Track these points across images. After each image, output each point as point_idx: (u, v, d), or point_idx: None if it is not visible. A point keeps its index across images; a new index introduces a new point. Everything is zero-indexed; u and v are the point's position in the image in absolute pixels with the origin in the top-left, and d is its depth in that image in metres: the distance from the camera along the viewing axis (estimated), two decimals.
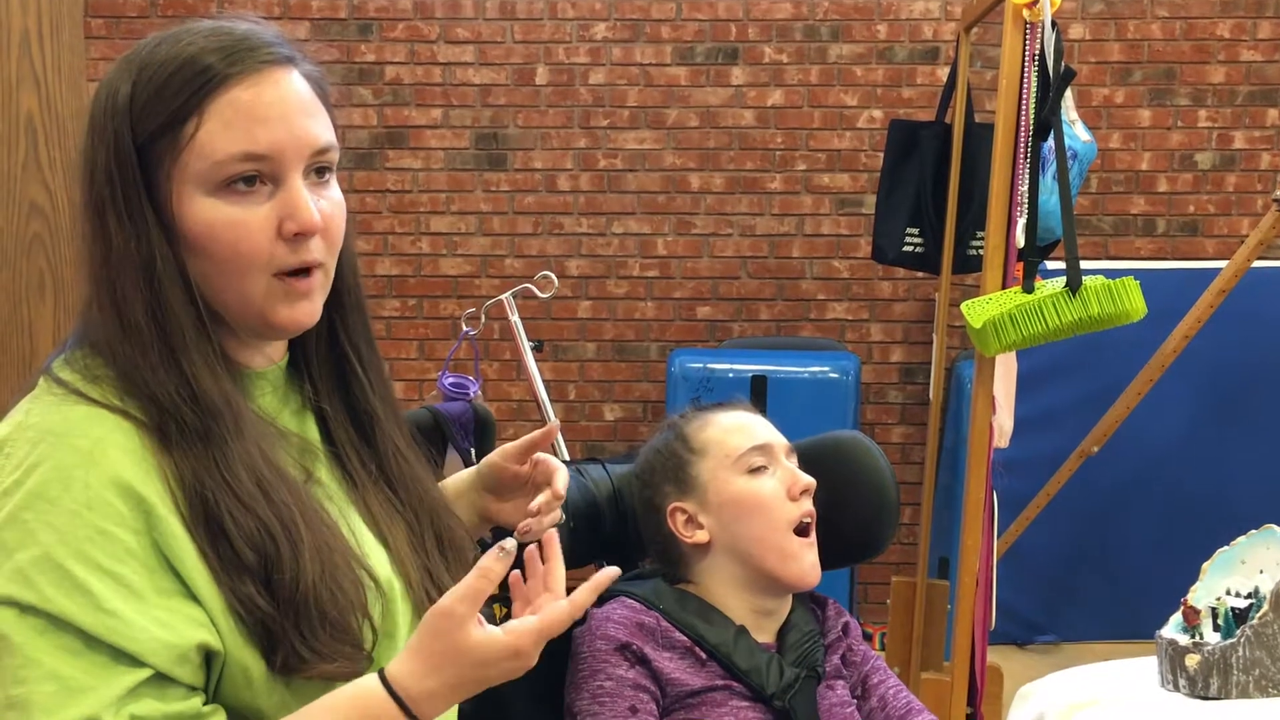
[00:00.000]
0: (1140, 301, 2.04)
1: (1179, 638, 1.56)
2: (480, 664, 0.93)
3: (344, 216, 1.02)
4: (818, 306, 3.84)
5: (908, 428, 3.86)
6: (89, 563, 0.87)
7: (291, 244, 0.96)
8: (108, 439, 0.91)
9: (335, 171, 1.03)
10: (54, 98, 3.05)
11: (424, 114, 3.81)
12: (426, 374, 3.82)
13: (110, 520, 0.88)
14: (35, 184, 2.98)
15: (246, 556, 0.92)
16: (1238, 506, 2.90)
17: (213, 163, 0.93)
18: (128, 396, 0.94)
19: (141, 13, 3.76)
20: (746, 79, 3.79)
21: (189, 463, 0.93)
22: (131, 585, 0.88)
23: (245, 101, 0.94)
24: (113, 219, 0.94)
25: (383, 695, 0.92)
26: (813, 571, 1.42)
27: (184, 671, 0.90)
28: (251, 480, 0.94)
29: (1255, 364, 3.40)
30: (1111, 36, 3.76)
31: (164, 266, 0.94)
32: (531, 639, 0.94)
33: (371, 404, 1.10)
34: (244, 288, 0.96)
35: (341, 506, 1.04)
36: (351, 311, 1.09)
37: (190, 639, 0.90)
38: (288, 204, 0.96)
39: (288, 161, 0.96)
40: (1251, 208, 3.76)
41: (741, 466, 1.43)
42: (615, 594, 1.42)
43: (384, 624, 1.01)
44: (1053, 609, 3.53)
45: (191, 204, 0.94)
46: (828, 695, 1.41)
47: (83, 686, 0.86)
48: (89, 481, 0.89)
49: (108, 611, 0.87)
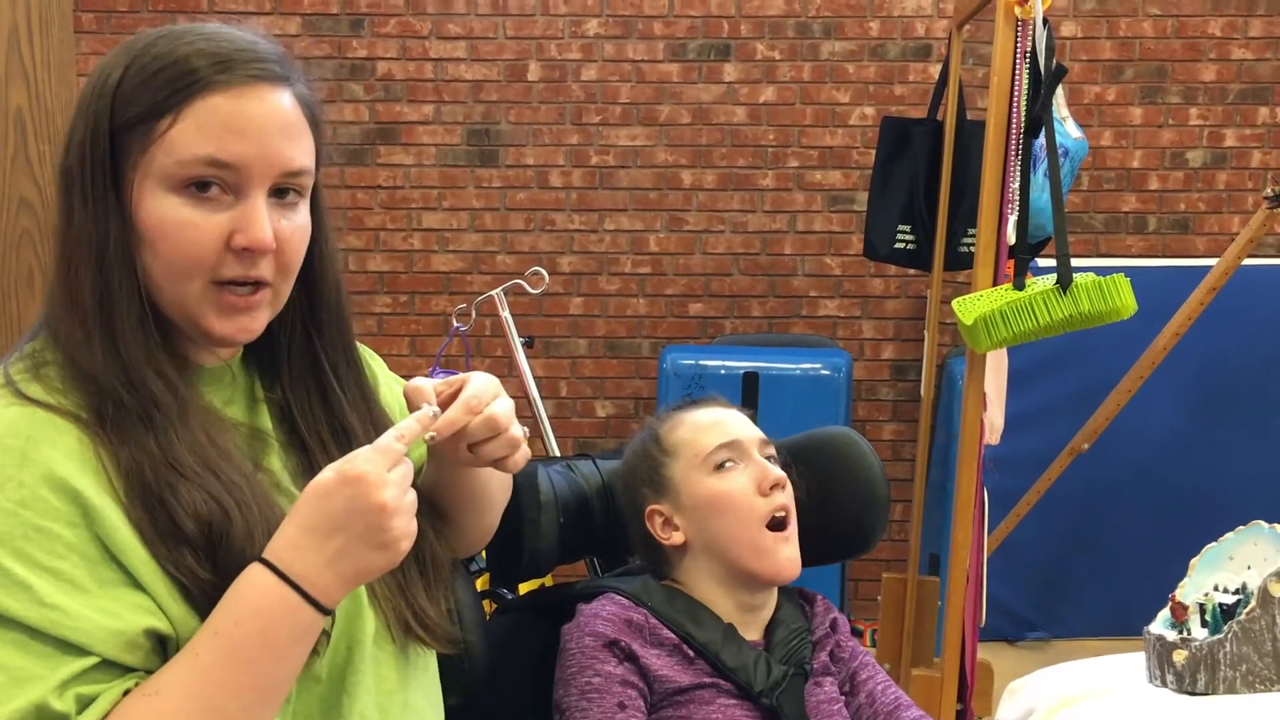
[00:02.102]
0: (1131, 299, 2.05)
1: (1167, 633, 1.57)
2: (321, 495, 0.90)
3: (304, 242, 1.02)
4: (809, 303, 3.84)
5: (899, 424, 3.87)
6: (27, 560, 0.87)
7: (239, 256, 0.96)
8: (41, 436, 0.91)
9: (307, 197, 1.02)
10: (43, 93, 3.03)
11: (415, 110, 3.81)
12: (417, 370, 3.81)
13: (47, 517, 0.89)
14: (24, 179, 2.97)
15: (187, 527, 0.92)
16: (1228, 503, 2.91)
17: (177, 160, 0.94)
18: (69, 383, 0.94)
19: (132, 7, 3.75)
20: (738, 76, 3.79)
21: (127, 447, 0.92)
22: (72, 579, 0.88)
23: (224, 110, 0.95)
24: (77, 196, 0.96)
25: (256, 568, 0.90)
26: (788, 565, 1.41)
27: (134, 657, 0.90)
28: (198, 462, 0.94)
29: (1245, 361, 3.40)
30: (1103, 34, 3.77)
31: (115, 253, 0.95)
32: (364, 459, 0.90)
33: (349, 419, 1.09)
34: (180, 289, 0.96)
35: (292, 495, 1.03)
36: (329, 327, 1.08)
37: (136, 625, 0.90)
38: (243, 218, 0.96)
39: (252, 176, 0.96)
40: (1242, 205, 3.77)
41: (710, 465, 1.43)
42: (604, 590, 1.42)
43: (348, 606, 1.01)
44: (1044, 605, 3.54)
45: (151, 198, 0.95)
46: (815, 692, 1.41)
47: (29, 675, 0.86)
48: (23, 480, 0.89)
49: (49, 605, 0.87)
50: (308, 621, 0.91)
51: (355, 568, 0.91)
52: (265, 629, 0.89)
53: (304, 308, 1.06)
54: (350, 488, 0.89)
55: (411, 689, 1.09)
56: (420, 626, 1.08)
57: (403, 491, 0.92)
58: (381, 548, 0.91)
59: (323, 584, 0.90)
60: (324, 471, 0.91)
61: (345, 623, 1.01)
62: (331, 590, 0.91)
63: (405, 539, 0.92)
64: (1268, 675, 1.48)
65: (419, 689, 1.11)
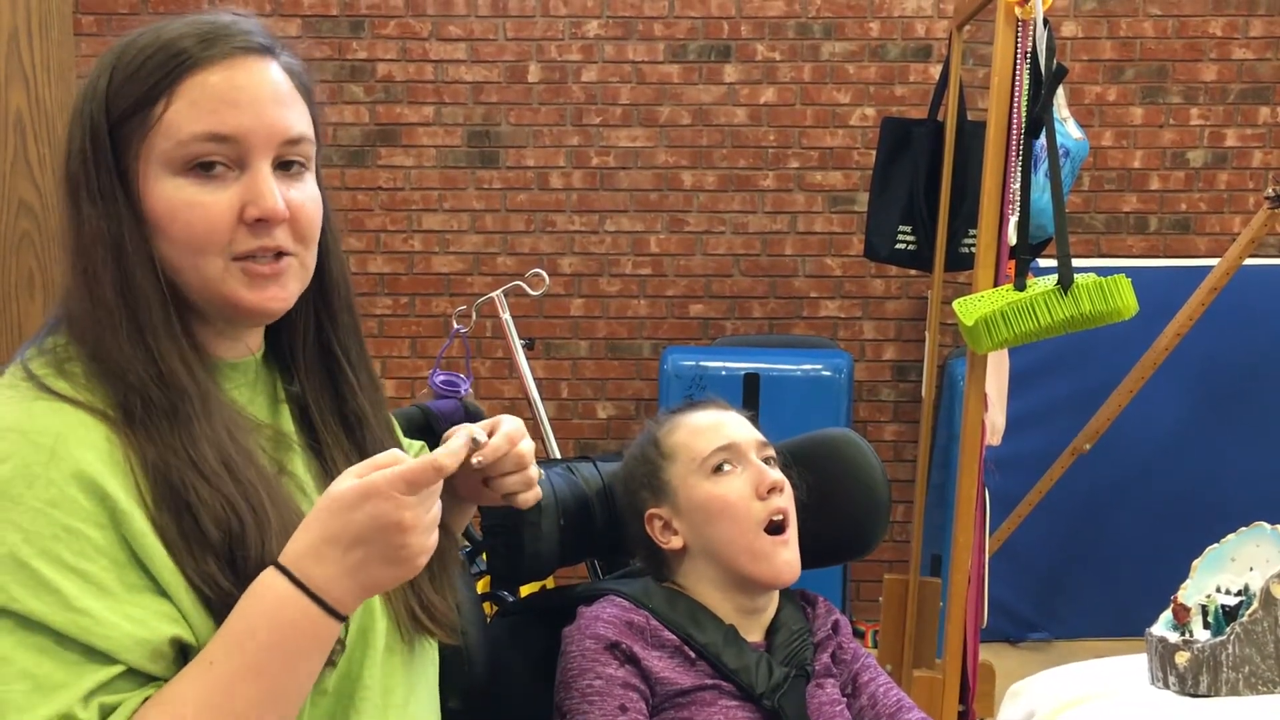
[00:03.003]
0: (1132, 299, 2.05)
1: (1169, 635, 1.56)
2: (343, 507, 0.88)
3: (318, 210, 1.02)
4: (810, 304, 3.84)
5: (900, 425, 3.86)
6: (56, 561, 0.86)
7: (253, 229, 0.96)
8: (71, 434, 0.90)
9: (312, 169, 1.02)
10: (43, 95, 3.03)
11: (416, 111, 3.81)
12: (419, 372, 3.81)
13: (76, 517, 0.88)
14: (24, 182, 2.97)
15: (211, 534, 0.91)
16: (1230, 504, 2.91)
17: (177, 142, 0.94)
18: (95, 380, 0.93)
19: (132, 9, 3.75)
20: (739, 77, 3.79)
21: (154, 444, 0.92)
22: (100, 582, 0.87)
23: (215, 84, 0.95)
24: (85, 199, 0.95)
25: (272, 575, 0.89)
26: (787, 569, 1.41)
27: (158, 666, 0.89)
28: (217, 459, 0.94)
29: (1247, 361, 3.40)
30: (1104, 34, 3.76)
31: (132, 246, 0.94)
32: (386, 479, 0.88)
33: (360, 405, 1.09)
34: (201, 269, 0.96)
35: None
36: (341, 311, 1.08)
37: (163, 634, 0.89)
38: (251, 189, 0.95)
39: (254, 146, 0.96)
40: (1243, 205, 3.77)
41: (707, 469, 1.42)
42: (605, 593, 1.42)
43: (361, 616, 1.00)
44: (1045, 606, 3.54)
45: (157, 184, 0.95)
46: (817, 694, 1.41)
47: (55, 684, 0.85)
48: (52, 478, 0.88)
49: (78, 610, 0.86)
50: (326, 631, 0.90)
51: (373, 579, 0.91)
52: (283, 639, 0.88)
53: (315, 294, 1.06)
54: (372, 504, 0.88)
55: (414, 702, 1.08)
56: (428, 618, 1.08)
57: (425, 509, 0.91)
58: (400, 562, 0.91)
59: (340, 594, 0.90)
60: (344, 479, 0.90)
61: (357, 634, 1.01)
62: (347, 600, 0.90)
63: (424, 555, 0.92)
64: (1270, 677, 1.48)
65: (422, 701, 1.10)
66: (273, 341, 1.07)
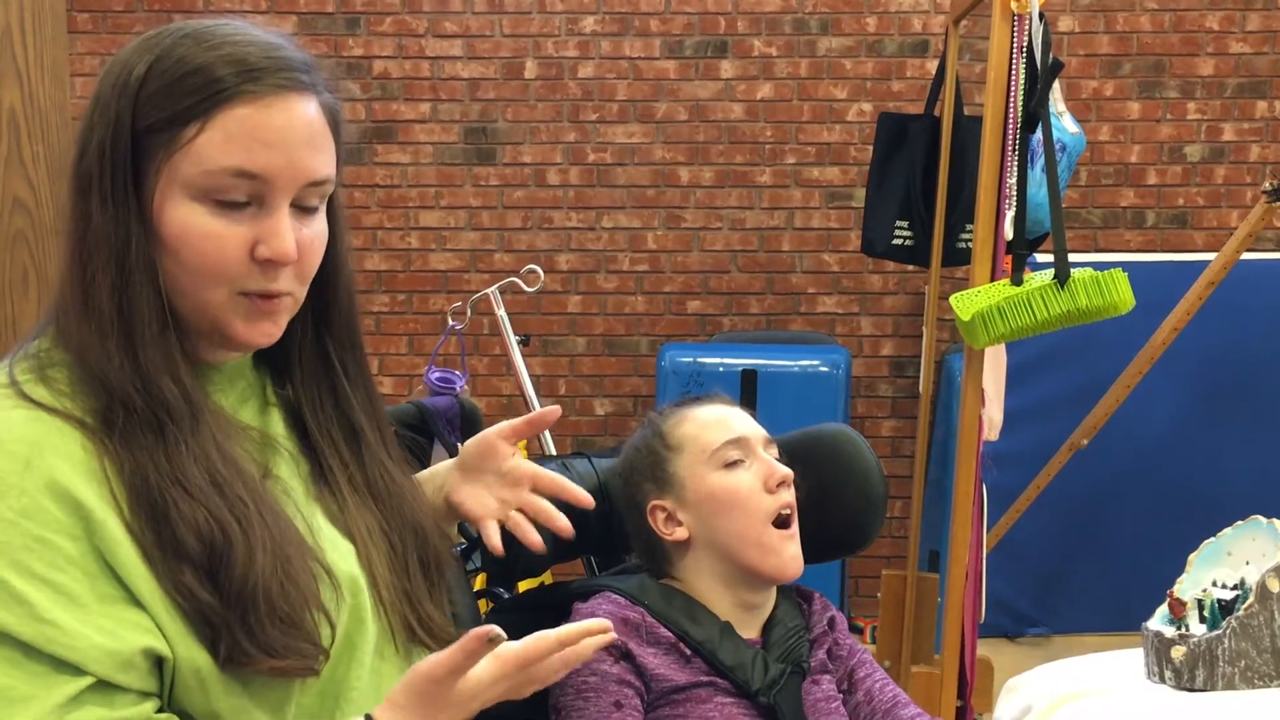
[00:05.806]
0: (1129, 294, 2.04)
1: (1165, 630, 1.56)
2: (468, 698, 0.96)
3: (323, 247, 1.01)
4: (808, 300, 3.84)
5: (898, 421, 3.86)
6: (26, 572, 0.86)
7: (263, 268, 0.95)
8: (46, 443, 0.89)
9: (325, 203, 1.02)
10: (37, 93, 3.02)
11: (412, 108, 3.80)
12: (416, 369, 3.81)
13: (48, 528, 0.87)
14: (18, 179, 2.96)
15: (189, 544, 0.90)
16: (1227, 498, 2.90)
17: (204, 170, 0.93)
18: (78, 386, 0.93)
19: (128, 7, 3.75)
20: (736, 72, 3.78)
21: (133, 454, 0.91)
22: (71, 593, 0.87)
23: (251, 120, 0.93)
24: (96, 198, 0.94)
25: None
26: (793, 564, 1.41)
27: (130, 678, 0.89)
28: (204, 476, 0.93)
29: (1244, 356, 3.40)
30: (1100, 29, 3.76)
31: (136, 257, 0.93)
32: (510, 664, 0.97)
33: (357, 418, 1.09)
34: (205, 298, 0.95)
35: (300, 503, 1.02)
36: (341, 328, 1.08)
37: (134, 644, 0.88)
38: (268, 229, 0.95)
39: (279, 187, 0.95)
40: (1241, 200, 3.77)
41: (717, 461, 1.42)
42: (600, 589, 1.42)
43: (348, 621, 1.00)
44: (1043, 602, 3.54)
45: (174, 204, 0.93)
46: (813, 690, 1.40)
47: (23, 696, 0.85)
48: (25, 488, 0.87)
49: (47, 621, 0.86)
50: None
51: None
52: None
53: (316, 308, 1.06)
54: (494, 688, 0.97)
55: None
56: (425, 632, 1.08)
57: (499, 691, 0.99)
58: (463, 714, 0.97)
59: None
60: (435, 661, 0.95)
61: (343, 642, 1.00)
62: None
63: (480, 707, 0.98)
64: (1266, 671, 1.48)
65: None
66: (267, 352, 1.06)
